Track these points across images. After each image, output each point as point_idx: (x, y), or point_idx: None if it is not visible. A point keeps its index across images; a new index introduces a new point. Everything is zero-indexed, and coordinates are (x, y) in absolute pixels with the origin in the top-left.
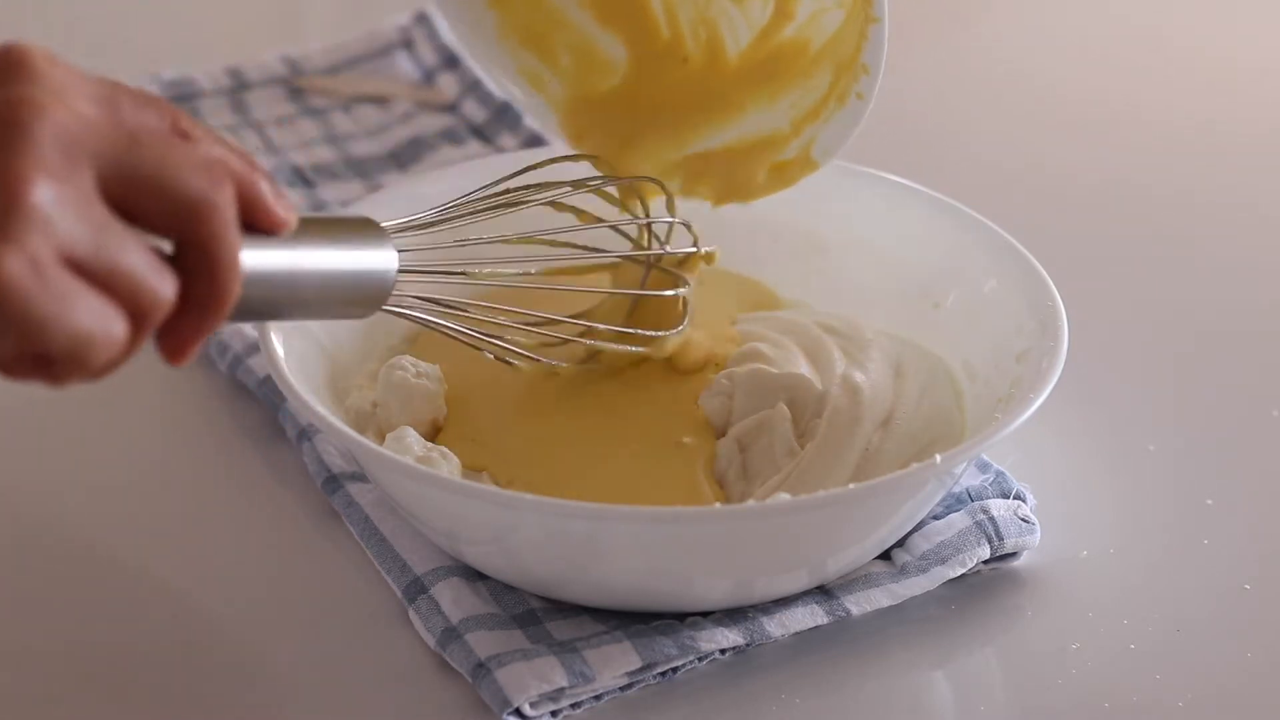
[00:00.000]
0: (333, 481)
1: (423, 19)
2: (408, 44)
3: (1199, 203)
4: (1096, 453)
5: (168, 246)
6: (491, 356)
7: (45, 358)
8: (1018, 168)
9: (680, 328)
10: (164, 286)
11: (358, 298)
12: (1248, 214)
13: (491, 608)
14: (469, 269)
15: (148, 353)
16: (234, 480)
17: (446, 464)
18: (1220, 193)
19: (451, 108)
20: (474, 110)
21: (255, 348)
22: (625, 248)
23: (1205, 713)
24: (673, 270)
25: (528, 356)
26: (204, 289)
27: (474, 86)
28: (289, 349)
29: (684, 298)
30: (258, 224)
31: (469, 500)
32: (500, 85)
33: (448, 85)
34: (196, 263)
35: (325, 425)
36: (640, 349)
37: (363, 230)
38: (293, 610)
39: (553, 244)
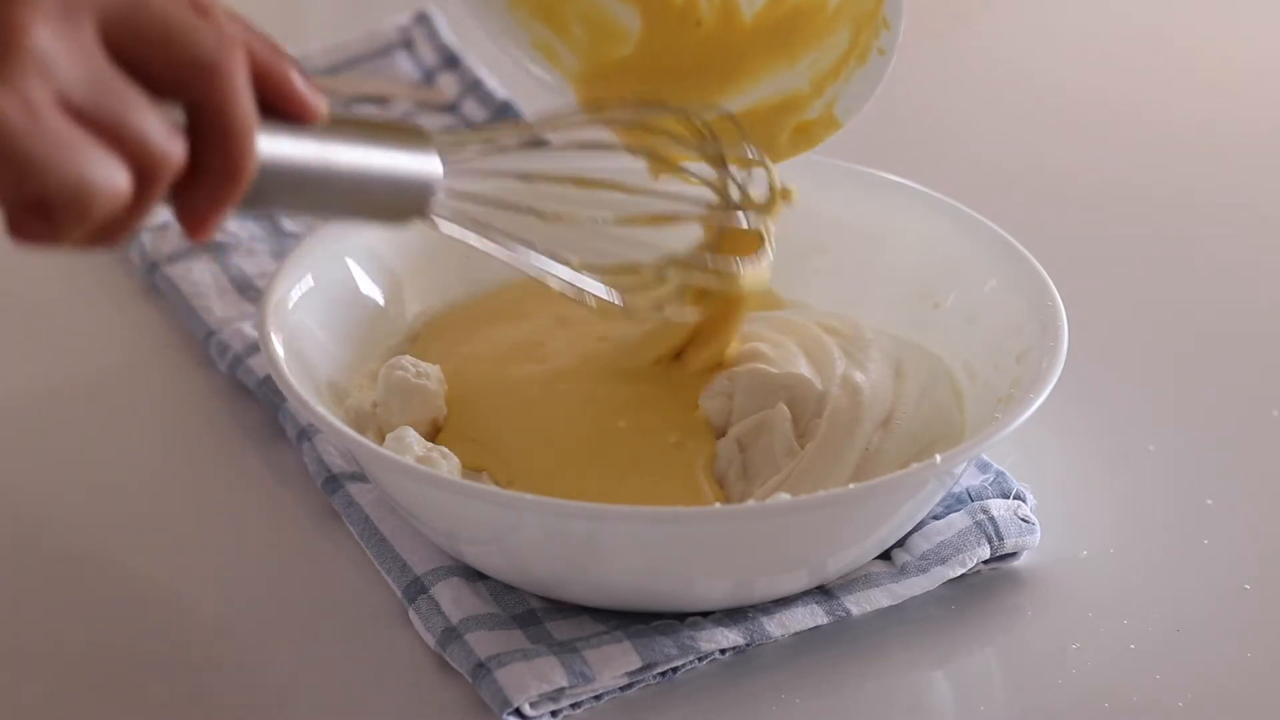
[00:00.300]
0: (333, 481)
1: (423, 19)
2: (408, 44)
3: (1199, 203)
4: (1096, 453)
5: (181, 116)
6: (556, 288)
7: (44, 205)
8: (1018, 168)
9: (761, 261)
10: (172, 146)
11: (391, 202)
12: (1248, 214)
13: (491, 608)
14: (536, 205)
15: (147, 354)
16: (234, 480)
17: (446, 464)
18: (1220, 193)
19: (451, 108)
20: (474, 110)
21: (255, 348)
22: (698, 193)
23: (1205, 713)
24: (754, 214)
25: (601, 297)
26: (217, 157)
27: (474, 86)
28: (289, 349)
29: (763, 235)
30: (283, 109)
31: (469, 500)
32: (514, 61)
33: (448, 85)
34: (207, 127)
35: (325, 425)
36: (723, 286)
37: (407, 135)
38: (293, 610)
39: (628, 190)
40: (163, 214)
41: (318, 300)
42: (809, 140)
